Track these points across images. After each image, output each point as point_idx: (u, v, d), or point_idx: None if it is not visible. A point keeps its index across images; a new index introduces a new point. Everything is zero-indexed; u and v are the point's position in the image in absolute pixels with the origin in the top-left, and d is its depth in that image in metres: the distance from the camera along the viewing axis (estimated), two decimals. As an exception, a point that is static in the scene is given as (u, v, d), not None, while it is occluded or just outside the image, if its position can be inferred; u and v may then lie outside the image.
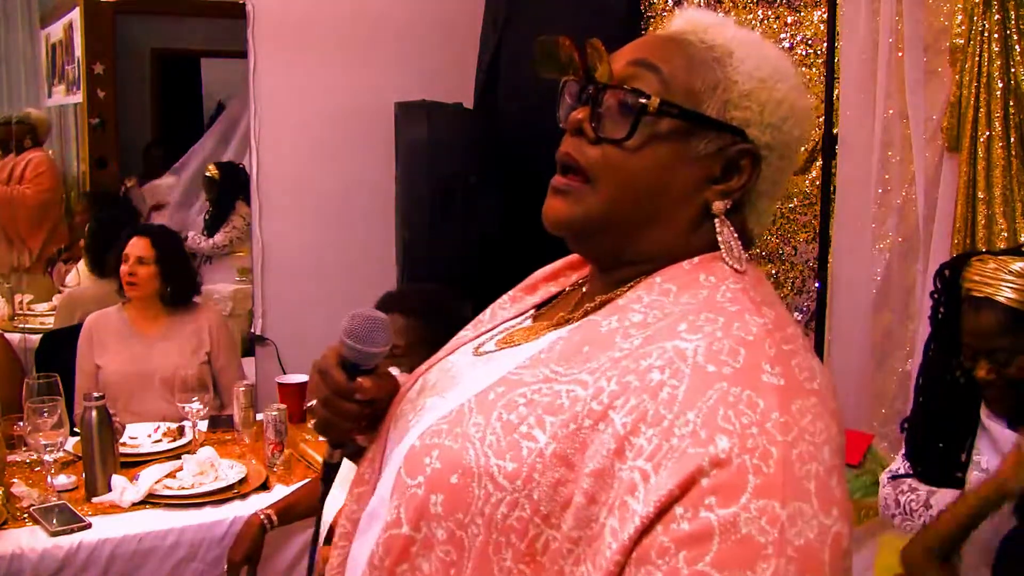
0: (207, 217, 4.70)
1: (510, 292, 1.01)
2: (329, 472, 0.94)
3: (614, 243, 0.83)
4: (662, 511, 0.63)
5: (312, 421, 1.01)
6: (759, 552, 0.61)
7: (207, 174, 4.77)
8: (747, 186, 0.81)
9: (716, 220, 0.80)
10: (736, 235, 0.81)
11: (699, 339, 0.70)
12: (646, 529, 0.64)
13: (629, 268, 0.83)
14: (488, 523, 0.70)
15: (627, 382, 0.69)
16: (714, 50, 0.81)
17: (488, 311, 1.00)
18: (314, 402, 0.94)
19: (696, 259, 0.80)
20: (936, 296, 1.73)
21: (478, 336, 0.95)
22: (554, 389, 0.73)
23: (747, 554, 0.61)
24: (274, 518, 1.99)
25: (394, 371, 0.98)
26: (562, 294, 0.96)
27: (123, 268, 2.73)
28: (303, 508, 2.02)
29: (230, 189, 4.71)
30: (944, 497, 1.68)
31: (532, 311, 0.96)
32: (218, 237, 4.57)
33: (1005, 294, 1.56)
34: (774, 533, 0.62)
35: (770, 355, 0.70)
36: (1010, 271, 1.57)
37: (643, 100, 0.78)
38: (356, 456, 0.98)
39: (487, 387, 0.78)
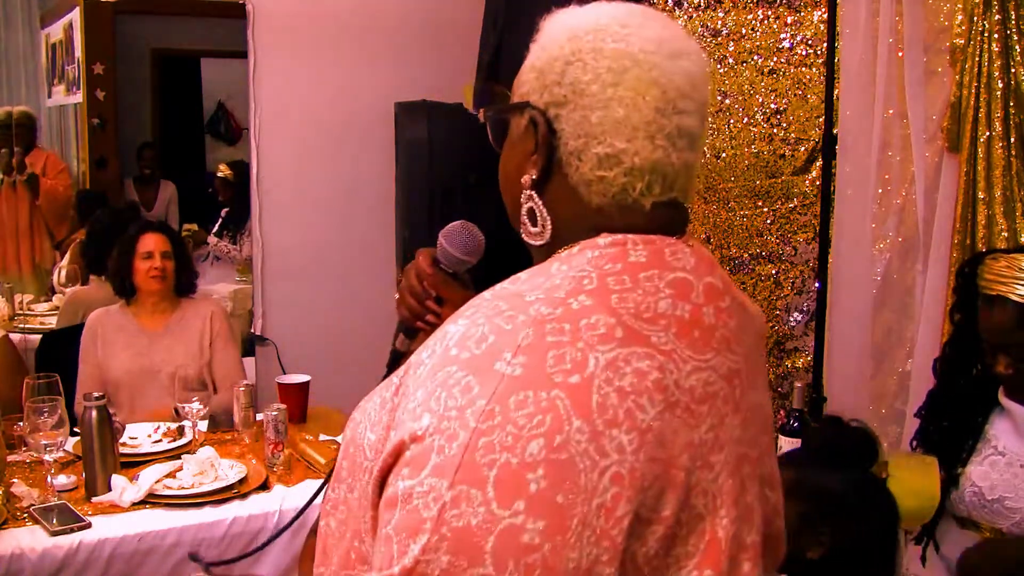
0: (223, 218, 4.66)
1: None
2: (395, 359, 1.00)
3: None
4: (383, 473, 0.72)
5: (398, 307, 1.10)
6: (420, 524, 0.67)
7: (220, 174, 4.72)
8: (541, 146, 0.82)
9: (523, 194, 0.84)
10: (543, 205, 0.83)
11: (464, 323, 0.74)
12: (378, 485, 0.73)
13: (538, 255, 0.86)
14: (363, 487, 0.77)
15: (413, 360, 0.76)
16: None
17: None
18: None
19: (576, 246, 0.79)
20: (955, 294, 1.79)
21: None
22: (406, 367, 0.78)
23: (412, 523, 0.67)
24: None
25: None
26: None
27: (147, 264, 2.76)
28: None
29: (246, 189, 4.68)
30: None
31: None
32: (247, 249, 4.55)
33: (1018, 291, 1.61)
34: (434, 510, 0.66)
35: (520, 344, 0.70)
36: (1021, 268, 1.62)
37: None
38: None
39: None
